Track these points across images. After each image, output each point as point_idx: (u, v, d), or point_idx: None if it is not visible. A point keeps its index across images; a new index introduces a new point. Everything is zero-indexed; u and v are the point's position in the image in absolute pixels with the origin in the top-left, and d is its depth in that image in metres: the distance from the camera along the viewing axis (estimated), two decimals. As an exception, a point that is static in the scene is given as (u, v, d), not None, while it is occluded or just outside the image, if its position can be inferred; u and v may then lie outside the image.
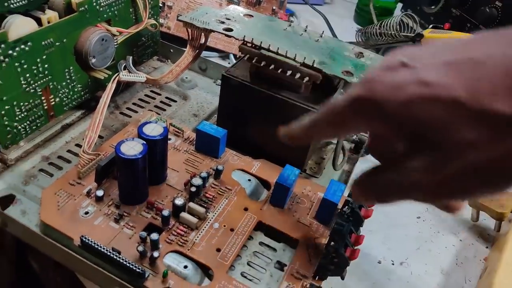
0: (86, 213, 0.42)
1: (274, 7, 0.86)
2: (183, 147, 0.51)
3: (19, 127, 0.47)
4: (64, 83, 0.51)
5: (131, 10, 0.57)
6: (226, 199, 0.46)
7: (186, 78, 0.65)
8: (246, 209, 0.45)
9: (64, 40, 0.48)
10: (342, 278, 0.40)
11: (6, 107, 0.44)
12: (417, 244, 0.55)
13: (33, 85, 0.47)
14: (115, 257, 0.37)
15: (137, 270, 0.36)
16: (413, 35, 0.76)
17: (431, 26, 0.77)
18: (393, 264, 0.52)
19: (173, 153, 0.49)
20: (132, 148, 0.40)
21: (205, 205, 0.44)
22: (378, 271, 0.51)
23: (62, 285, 0.64)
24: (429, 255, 0.54)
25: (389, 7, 1.03)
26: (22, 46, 0.44)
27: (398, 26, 0.79)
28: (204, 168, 0.48)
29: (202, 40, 0.52)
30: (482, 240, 0.57)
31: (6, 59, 0.42)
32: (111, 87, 0.50)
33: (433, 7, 0.92)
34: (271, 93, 0.48)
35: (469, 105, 0.23)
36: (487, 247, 0.56)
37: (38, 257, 0.63)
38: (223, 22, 0.51)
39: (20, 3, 0.45)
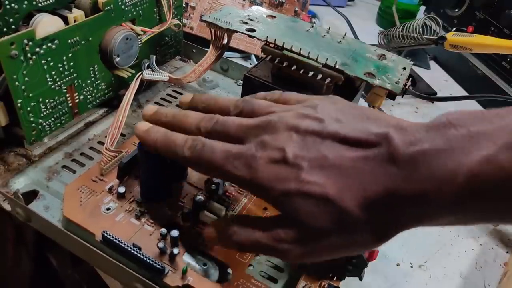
0: (108, 209, 0.42)
1: (296, 9, 0.86)
2: (204, 146, 0.51)
3: (44, 123, 0.48)
4: (88, 81, 0.51)
5: (155, 10, 0.58)
6: (246, 198, 0.46)
7: (208, 78, 0.66)
8: (265, 209, 0.45)
9: (90, 39, 0.49)
10: (360, 279, 0.40)
11: (32, 103, 0.45)
12: (436, 247, 0.54)
13: (59, 83, 0.48)
14: (135, 253, 0.37)
15: (157, 266, 0.37)
16: (435, 38, 0.75)
17: (454, 29, 0.76)
18: (411, 266, 0.52)
19: (194, 152, 0.50)
20: (154, 146, 0.40)
21: (225, 204, 0.44)
22: (396, 273, 0.50)
23: (81, 283, 0.65)
24: (448, 258, 0.53)
25: (412, 9, 1.03)
26: (49, 44, 0.44)
27: (421, 29, 0.78)
28: (225, 167, 0.48)
29: (225, 41, 0.53)
30: (502, 245, 0.56)
31: (33, 57, 0.43)
32: (134, 85, 0.50)
33: (456, 10, 0.92)
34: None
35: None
36: (507, 252, 0.55)
37: (57, 254, 0.64)
38: (246, 23, 0.51)
39: (48, 1, 0.45)
